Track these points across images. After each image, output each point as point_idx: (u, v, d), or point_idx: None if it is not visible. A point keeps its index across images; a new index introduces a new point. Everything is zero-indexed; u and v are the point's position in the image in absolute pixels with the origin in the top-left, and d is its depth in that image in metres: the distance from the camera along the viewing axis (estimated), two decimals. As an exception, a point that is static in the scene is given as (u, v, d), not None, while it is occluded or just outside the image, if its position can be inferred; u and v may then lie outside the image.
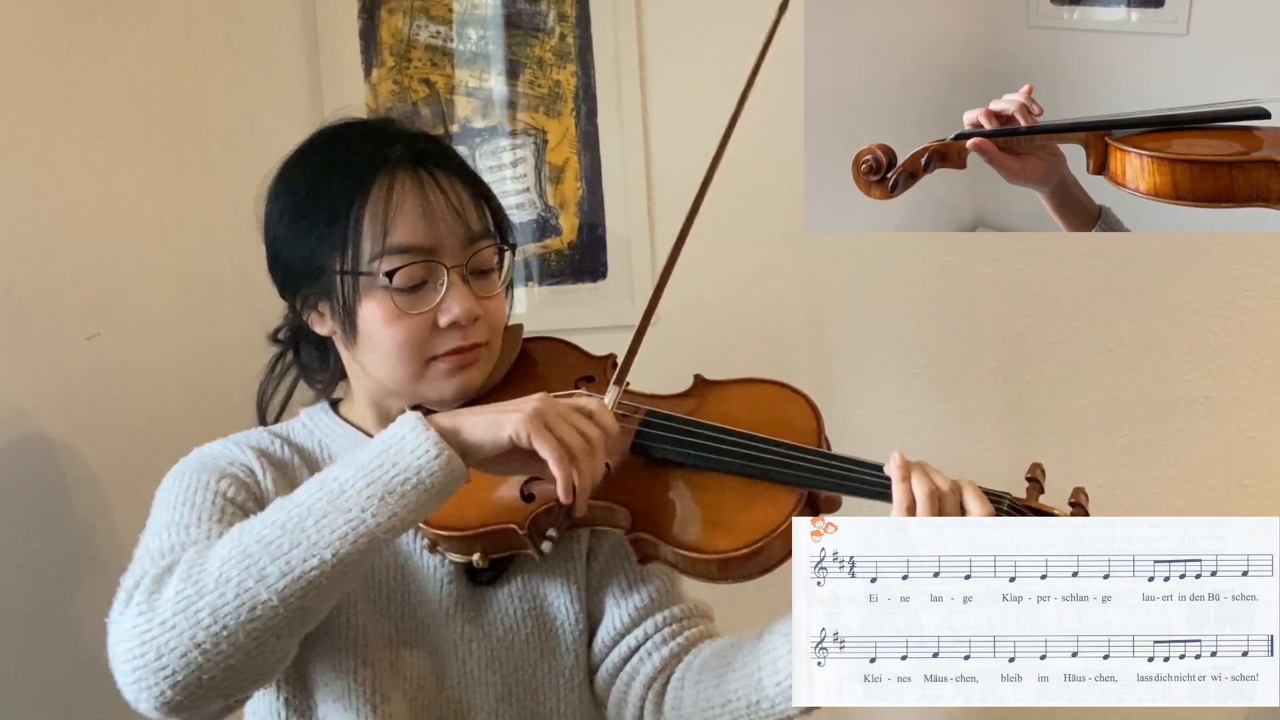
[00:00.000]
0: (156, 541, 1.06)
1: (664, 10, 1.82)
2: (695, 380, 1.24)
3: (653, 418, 1.16)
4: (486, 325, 1.18)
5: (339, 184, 1.15)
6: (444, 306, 1.15)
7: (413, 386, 1.17)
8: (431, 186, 1.15)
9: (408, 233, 1.13)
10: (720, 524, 1.10)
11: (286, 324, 1.28)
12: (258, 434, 1.23)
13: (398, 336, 1.14)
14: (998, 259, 1.77)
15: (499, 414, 1.02)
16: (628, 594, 1.22)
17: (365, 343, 1.16)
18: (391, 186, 1.14)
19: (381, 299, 1.14)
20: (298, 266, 1.17)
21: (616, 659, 1.21)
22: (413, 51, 1.87)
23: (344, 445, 1.22)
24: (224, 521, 1.08)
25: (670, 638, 1.21)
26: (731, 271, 1.80)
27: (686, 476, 1.13)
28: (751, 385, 1.22)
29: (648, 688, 1.20)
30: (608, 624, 1.22)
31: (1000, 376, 1.78)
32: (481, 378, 1.20)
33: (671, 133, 1.83)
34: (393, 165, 1.15)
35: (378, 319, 1.14)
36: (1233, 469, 1.73)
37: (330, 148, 1.20)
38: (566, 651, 1.21)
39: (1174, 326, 1.73)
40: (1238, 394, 1.72)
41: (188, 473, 1.14)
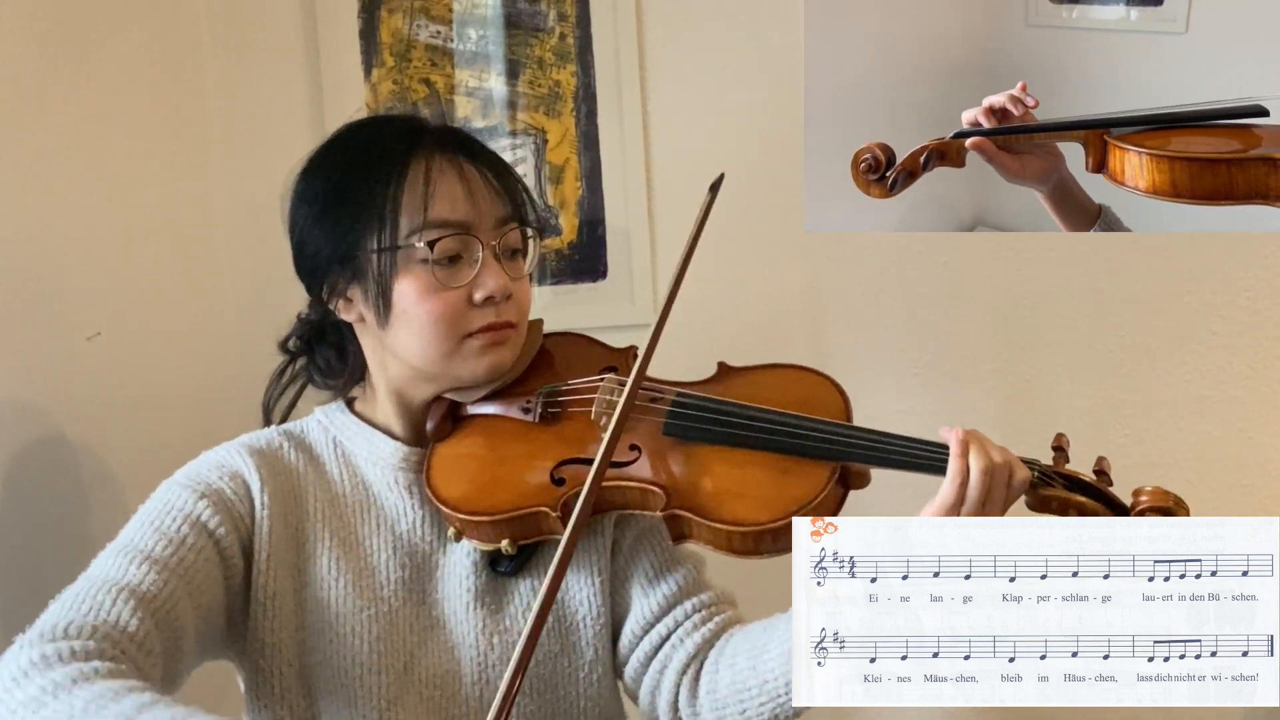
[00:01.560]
0: (106, 563, 1.06)
1: (664, 10, 1.82)
2: (719, 367, 1.25)
3: (683, 398, 1.17)
4: (516, 306, 1.19)
5: (375, 167, 1.17)
6: (479, 281, 1.16)
7: (445, 365, 1.18)
8: (468, 167, 1.18)
9: (447, 208, 1.15)
10: (755, 498, 1.10)
11: (297, 331, 1.28)
12: (268, 434, 1.23)
13: (435, 310, 1.15)
14: (998, 259, 1.77)
15: None
16: (655, 584, 1.22)
17: (399, 320, 1.16)
18: (429, 167, 1.16)
19: (419, 274, 1.15)
20: (328, 253, 1.18)
21: (647, 648, 1.22)
22: (413, 51, 1.87)
23: (361, 443, 1.23)
24: (174, 562, 1.07)
25: (701, 623, 1.21)
26: (732, 271, 1.80)
27: (719, 454, 1.14)
28: (776, 370, 1.24)
29: (681, 674, 1.20)
30: (636, 615, 1.22)
31: (1000, 376, 1.78)
32: (512, 358, 1.21)
33: (671, 132, 1.83)
34: (428, 148, 1.17)
35: (414, 293, 1.15)
36: (1233, 469, 1.73)
37: (360, 138, 1.22)
38: (587, 645, 1.21)
39: (1174, 326, 1.74)
40: (1238, 394, 1.72)
41: (174, 486, 1.14)
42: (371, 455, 1.22)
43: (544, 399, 1.21)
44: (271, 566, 1.14)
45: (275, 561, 1.14)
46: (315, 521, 1.18)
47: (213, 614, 1.11)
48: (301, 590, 1.16)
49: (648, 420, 1.17)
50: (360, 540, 1.19)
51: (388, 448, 1.22)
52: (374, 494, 1.21)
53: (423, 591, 1.18)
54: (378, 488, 1.21)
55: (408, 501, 1.20)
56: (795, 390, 1.19)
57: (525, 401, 1.21)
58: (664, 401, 1.17)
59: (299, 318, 1.28)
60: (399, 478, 1.21)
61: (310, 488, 1.20)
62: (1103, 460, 1.09)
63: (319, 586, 1.16)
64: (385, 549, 1.19)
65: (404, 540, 1.19)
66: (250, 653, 1.15)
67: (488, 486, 1.10)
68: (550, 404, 1.21)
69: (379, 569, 1.17)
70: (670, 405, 1.17)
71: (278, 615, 1.14)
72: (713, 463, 1.14)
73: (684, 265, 1.20)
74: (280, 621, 1.14)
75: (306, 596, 1.16)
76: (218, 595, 1.12)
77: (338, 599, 1.15)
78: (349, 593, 1.15)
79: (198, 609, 1.08)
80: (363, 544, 1.19)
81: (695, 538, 1.12)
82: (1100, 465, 1.09)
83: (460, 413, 1.23)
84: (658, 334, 1.18)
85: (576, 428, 1.19)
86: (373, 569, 1.17)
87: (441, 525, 1.19)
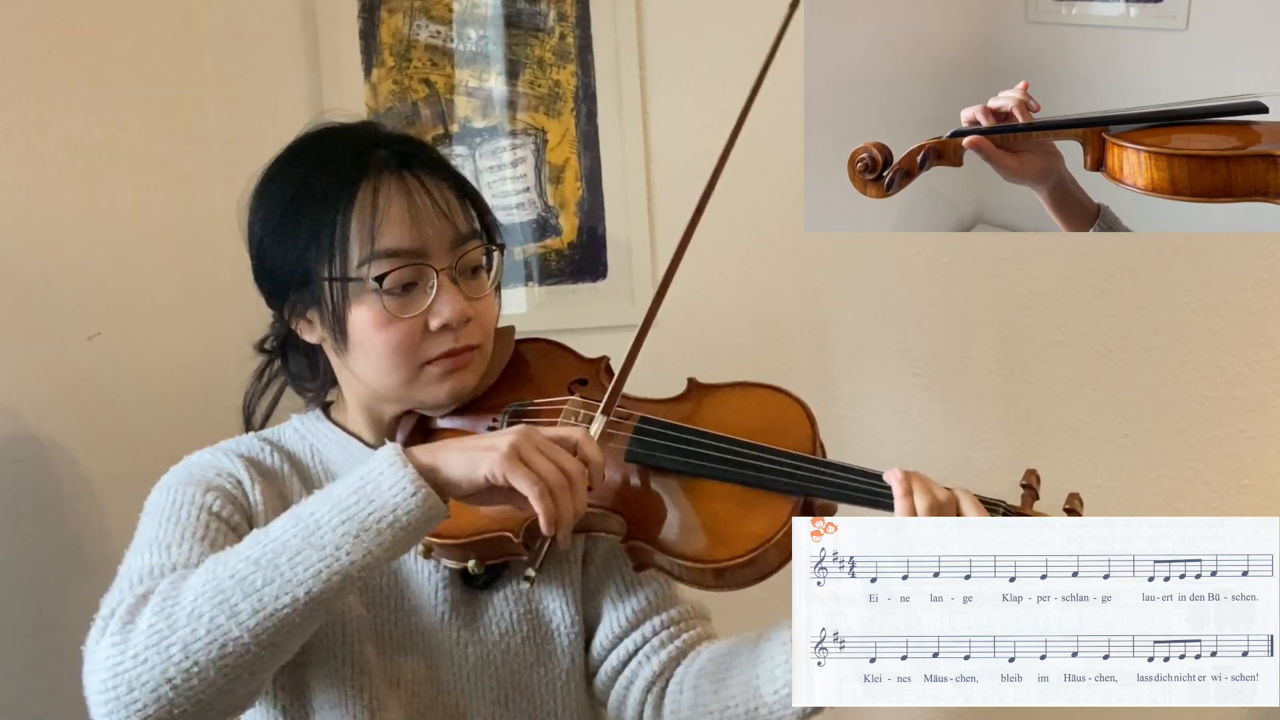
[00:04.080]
0: (139, 560, 1.06)
1: (664, 10, 1.82)
2: (689, 384, 1.23)
3: (646, 424, 1.15)
4: (478, 327, 1.17)
5: (323, 191, 1.14)
6: (434, 309, 1.14)
7: (405, 392, 1.17)
8: (417, 189, 1.14)
9: (395, 237, 1.12)
10: (715, 533, 1.09)
11: (273, 333, 1.27)
12: (248, 441, 1.23)
13: (389, 341, 1.13)
14: (998, 259, 1.77)
15: (476, 451, 1.00)
16: (625, 597, 1.22)
17: (356, 349, 1.15)
18: (377, 190, 1.13)
19: (371, 304, 1.13)
20: (284, 275, 1.16)
21: (615, 662, 1.21)
22: (413, 51, 1.87)
23: (336, 450, 1.22)
24: (206, 539, 1.07)
25: (668, 640, 1.21)
26: (731, 271, 1.80)
27: (682, 484, 1.13)
28: (746, 390, 1.20)
29: (647, 691, 1.20)
30: (605, 627, 1.22)
31: (1000, 377, 1.78)
32: (475, 380, 1.19)
33: (671, 133, 1.83)
34: (377, 169, 1.14)
35: (368, 324, 1.13)
36: (1233, 469, 1.73)
37: (312, 155, 1.19)
38: (563, 655, 1.20)
39: (1174, 326, 1.73)
40: (1238, 394, 1.72)
41: (175, 486, 1.13)
42: (347, 463, 1.21)
43: (509, 417, 1.19)
44: None
45: None
46: None
47: None
48: None
49: (611, 446, 1.14)
50: None
51: (362, 456, 1.21)
52: None
53: (399, 599, 1.17)
54: None
55: None
56: (763, 415, 1.16)
57: (492, 419, 1.20)
58: (626, 427, 1.15)
59: (271, 323, 1.27)
60: None
61: (294, 493, 1.19)
62: (1074, 498, 1.07)
63: None
64: None
65: None
66: None
67: (454, 508, 1.08)
68: (515, 422, 1.18)
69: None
70: (633, 432, 1.15)
71: None
72: (674, 493, 1.12)
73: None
74: None
75: None
76: None
77: None
78: None
79: None
80: None
81: (655, 567, 1.11)
82: (1070, 504, 1.07)
83: (430, 425, 1.21)
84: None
85: None
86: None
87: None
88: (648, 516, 1.11)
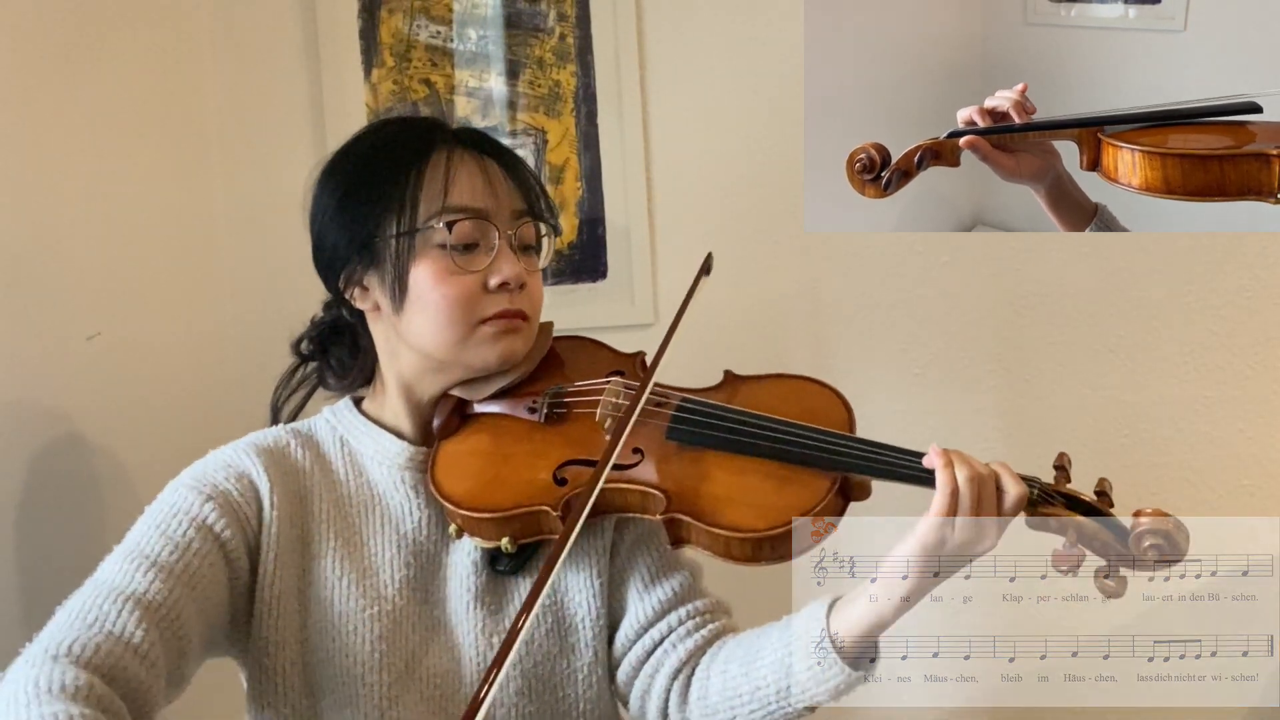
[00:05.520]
0: (111, 568, 1.07)
1: (664, 10, 1.82)
2: (725, 375, 1.25)
3: (687, 404, 1.18)
4: (529, 298, 1.21)
5: (398, 156, 1.19)
6: (495, 267, 1.18)
7: (458, 351, 1.18)
8: (487, 160, 1.21)
9: (467, 194, 1.18)
10: (756, 504, 1.10)
11: (310, 333, 1.29)
12: (275, 433, 1.24)
13: (450, 294, 1.16)
14: (998, 259, 1.77)
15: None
16: (651, 589, 1.23)
17: (414, 305, 1.17)
18: (450, 156, 1.19)
19: (435, 258, 1.16)
20: (346, 242, 1.19)
21: (640, 652, 1.22)
22: (413, 51, 1.87)
23: (367, 443, 1.23)
24: (181, 562, 1.07)
25: (694, 630, 1.22)
26: (732, 271, 1.80)
27: (721, 460, 1.14)
28: (782, 380, 1.24)
29: (672, 679, 1.20)
30: (631, 618, 1.23)
31: (1000, 377, 1.78)
32: (525, 348, 1.22)
33: (671, 133, 1.83)
34: (449, 142, 1.20)
35: (430, 277, 1.16)
36: (1233, 469, 1.73)
37: (383, 134, 1.25)
38: (586, 647, 1.21)
39: (1174, 326, 1.73)
40: (1238, 394, 1.72)
41: (181, 488, 1.14)
42: (378, 455, 1.22)
43: (550, 400, 1.21)
44: (278, 568, 1.14)
45: (281, 563, 1.15)
46: (320, 522, 1.18)
47: (217, 616, 1.12)
48: (306, 590, 1.16)
49: (652, 424, 1.17)
50: (365, 540, 1.19)
51: (394, 447, 1.22)
52: (379, 493, 1.21)
53: (426, 591, 1.19)
54: (383, 487, 1.22)
55: (413, 501, 1.21)
56: (800, 401, 1.19)
57: (531, 401, 1.22)
58: (669, 406, 1.18)
59: (312, 321, 1.29)
60: (405, 477, 1.21)
61: (316, 488, 1.20)
62: (1104, 481, 1.08)
63: (323, 586, 1.16)
64: (390, 548, 1.19)
65: (408, 540, 1.19)
66: (253, 651, 1.15)
67: (490, 484, 1.10)
68: (556, 405, 1.21)
69: (383, 569, 1.18)
70: (674, 410, 1.17)
71: (282, 615, 1.14)
72: (714, 469, 1.14)
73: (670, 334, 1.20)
74: (284, 621, 1.14)
75: (310, 596, 1.16)
76: (222, 597, 1.12)
77: (341, 598, 1.15)
78: (352, 592, 1.16)
79: (202, 613, 1.09)
80: (367, 544, 1.19)
81: (694, 542, 1.12)
82: (1101, 486, 1.08)
83: (467, 411, 1.23)
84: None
85: (581, 429, 1.19)
86: (376, 569, 1.18)
87: (446, 524, 1.19)
88: (687, 491, 1.12)
